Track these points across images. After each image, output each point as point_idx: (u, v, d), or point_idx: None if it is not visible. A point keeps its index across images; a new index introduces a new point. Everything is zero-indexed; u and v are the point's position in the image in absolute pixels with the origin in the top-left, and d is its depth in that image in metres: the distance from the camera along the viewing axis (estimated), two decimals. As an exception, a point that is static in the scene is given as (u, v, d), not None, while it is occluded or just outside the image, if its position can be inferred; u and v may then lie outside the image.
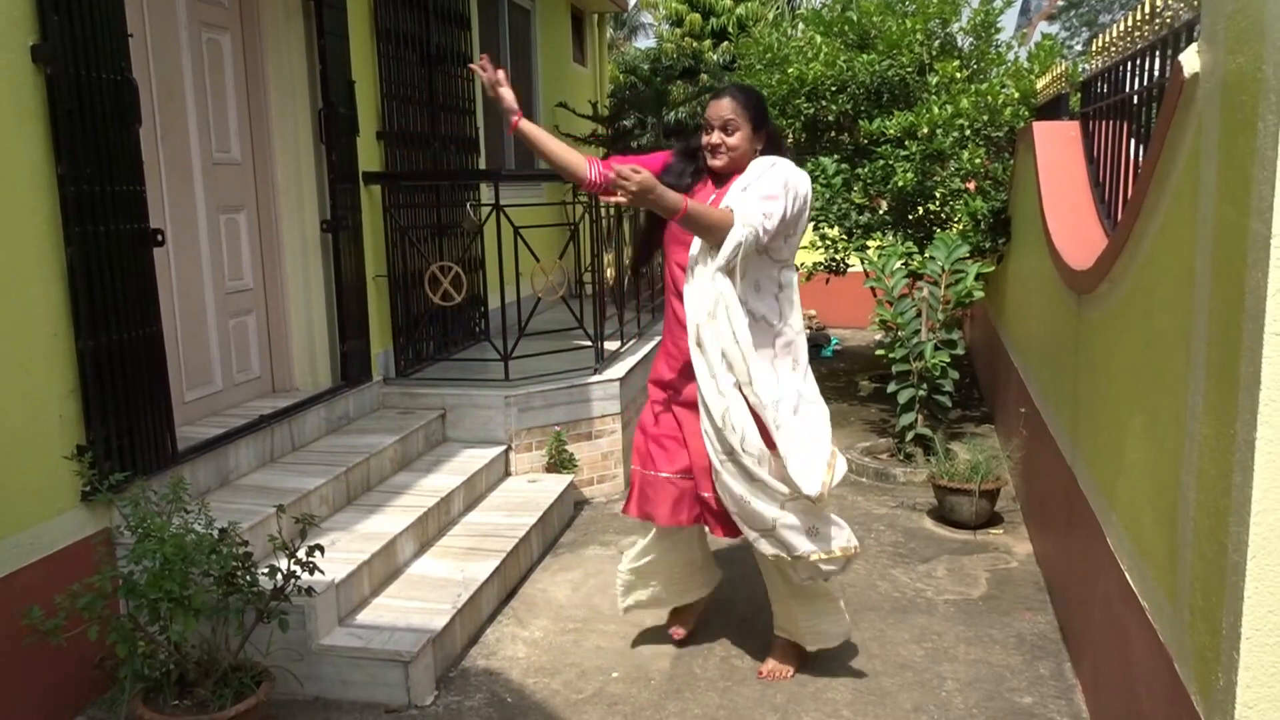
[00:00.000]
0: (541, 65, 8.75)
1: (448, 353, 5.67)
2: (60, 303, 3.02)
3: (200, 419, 4.12)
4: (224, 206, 4.34)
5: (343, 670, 3.12)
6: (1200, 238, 1.91)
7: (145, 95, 3.68)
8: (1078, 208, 4.04)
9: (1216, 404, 1.79)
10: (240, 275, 4.47)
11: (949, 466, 4.66)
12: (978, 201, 6.02)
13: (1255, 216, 1.60)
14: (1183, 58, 2.02)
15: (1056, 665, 3.32)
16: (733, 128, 3.00)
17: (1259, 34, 1.60)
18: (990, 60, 6.51)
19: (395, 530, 3.78)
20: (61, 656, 2.76)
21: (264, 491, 3.70)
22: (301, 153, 4.60)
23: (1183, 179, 2.06)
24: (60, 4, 2.95)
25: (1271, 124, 1.54)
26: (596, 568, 4.25)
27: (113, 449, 3.16)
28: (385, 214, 5.10)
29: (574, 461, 5.09)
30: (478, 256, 5.68)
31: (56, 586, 2.70)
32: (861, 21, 6.46)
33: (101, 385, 3.12)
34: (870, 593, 3.92)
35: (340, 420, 4.69)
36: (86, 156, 3.05)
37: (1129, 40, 3.47)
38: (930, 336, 5.34)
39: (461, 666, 3.40)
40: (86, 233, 3.06)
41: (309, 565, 2.82)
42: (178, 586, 2.62)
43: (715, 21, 21.53)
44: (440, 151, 5.78)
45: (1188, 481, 1.95)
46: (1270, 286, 1.55)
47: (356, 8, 4.89)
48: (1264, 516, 1.61)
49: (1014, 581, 4.01)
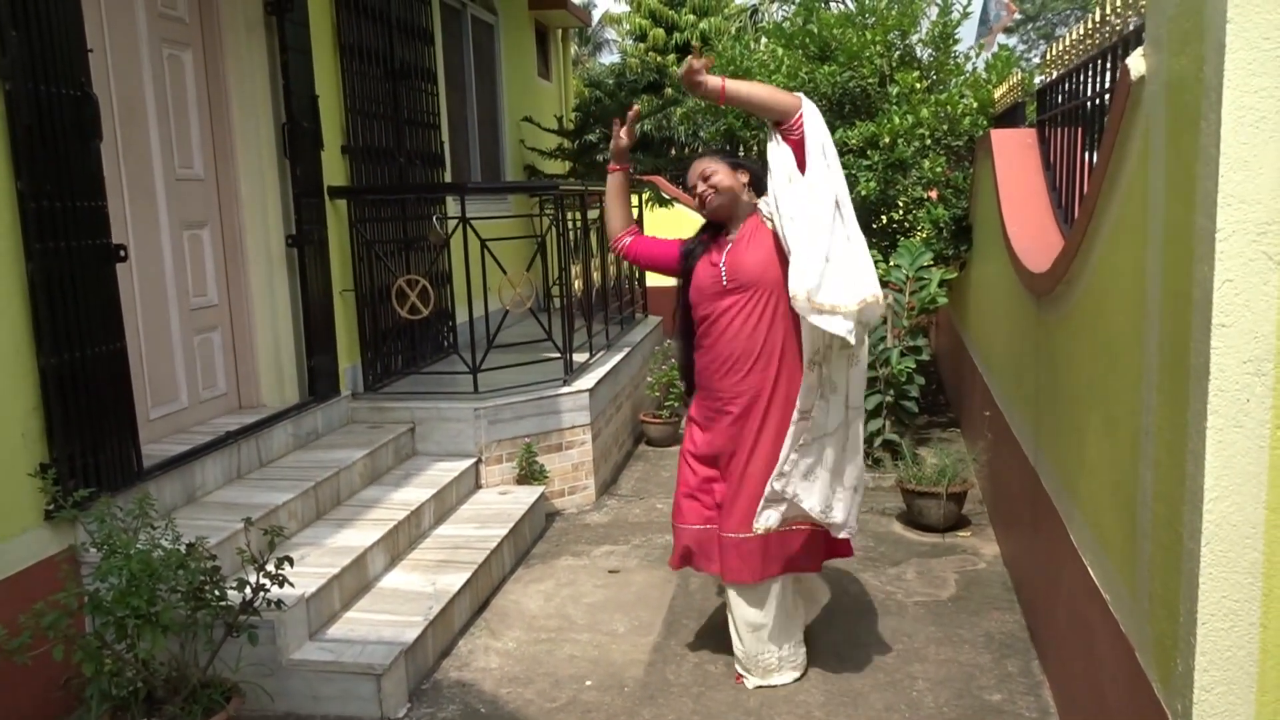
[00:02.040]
0: (506, 80, 8.78)
1: (416, 367, 5.65)
2: (21, 319, 2.99)
3: (166, 436, 4.08)
4: (187, 222, 4.31)
5: (314, 685, 3.10)
6: (1151, 235, 1.96)
7: (106, 111, 3.66)
8: (1035, 212, 4.12)
9: (1169, 396, 1.83)
10: (205, 291, 4.44)
11: (916, 471, 4.71)
12: (940, 209, 6.11)
13: (1201, 211, 1.65)
14: (1129, 60, 2.08)
15: (1024, 662, 3.37)
16: (710, 172, 3.18)
17: (1199, 35, 1.66)
18: (949, 71, 6.61)
19: (366, 544, 3.76)
20: (27, 677, 2.71)
21: (231, 508, 3.67)
22: (265, 167, 4.58)
23: (1133, 178, 2.12)
24: (19, 19, 2.93)
25: (1214, 122, 1.59)
26: (569, 578, 4.25)
27: (77, 466, 3.12)
28: (351, 228, 5.09)
29: (545, 473, 5.09)
30: (445, 270, 5.68)
31: (20, 606, 2.66)
32: (822, 34, 6.54)
33: (65, 402, 3.09)
34: (841, 597, 3.95)
35: (308, 436, 4.66)
36: (47, 172, 3.03)
37: (1081, 48, 3.56)
38: (896, 343, 5.41)
39: (434, 679, 3.39)
40: (47, 249, 3.03)
41: (278, 577, 2.80)
42: (145, 603, 2.59)
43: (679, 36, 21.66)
44: (406, 166, 5.78)
45: (1145, 473, 2.00)
46: (1216, 279, 1.60)
47: (319, 23, 4.89)
48: (1217, 504, 1.66)
49: (982, 582, 4.06)
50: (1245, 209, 1.58)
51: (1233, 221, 1.58)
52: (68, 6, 3.15)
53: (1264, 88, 1.55)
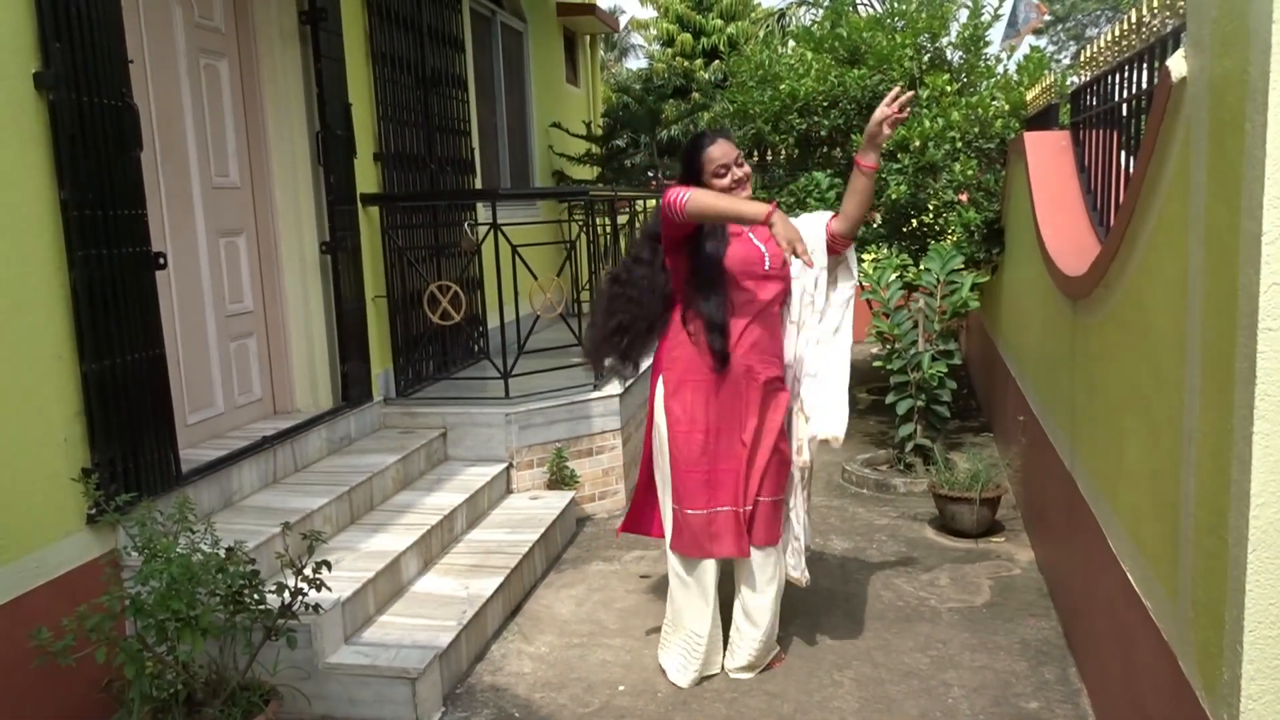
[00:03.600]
0: (535, 86, 8.83)
1: (447, 372, 5.69)
2: (64, 326, 3.04)
3: (202, 441, 4.13)
4: (224, 230, 4.37)
5: (350, 688, 3.13)
6: (1192, 238, 1.94)
7: (145, 121, 3.72)
8: (1070, 215, 4.08)
9: (1213, 401, 1.81)
10: (240, 298, 4.49)
11: (949, 476, 4.68)
12: (971, 213, 6.07)
13: (1246, 215, 1.63)
14: (1170, 62, 2.06)
15: (1061, 670, 3.33)
16: (740, 160, 3.19)
17: (1244, 38, 1.64)
18: (980, 73, 6.57)
19: (399, 548, 3.79)
20: (70, 678, 2.76)
21: (267, 512, 3.71)
22: (299, 175, 4.64)
23: (1174, 181, 2.10)
24: (62, 32, 2.99)
25: (1259, 124, 1.57)
26: (600, 583, 4.26)
27: (118, 471, 3.17)
28: (383, 235, 5.13)
29: (575, 478, 5.11)
30: (476, 276, 5.71)
31: (64, 609, 2.70)
32: (851, 37, 6.52)
33: (106, 408, 3.14)
34: (874, 602, 3.93)
35: (342, 441, 4.70)
36: (89, 181, 3.08)
37: (1116, 50, 3.52)
38: (927, 347, 5.37)
39: (468, 683, 3.40)
40: (89, 256, 3.08)
41: (316, 581, 2.83)
42: (185, 606, 2.62)
43: (706, 41, 21.69)
44: (437, 172, 5.82)
45: (1187, 479, 1.98)
46: (1263, 283, 1.58)
47: (352, 32, 4.94)
48: (1263, 510, 1.64)
49: (1017, 588, 4.02)
50: (1292, 212, 1.56)
51: (1279, 224, 1.56)
52: (109, 19, 3.20)
53: (1311, 89, 1.53)
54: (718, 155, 3.15)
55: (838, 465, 5.79)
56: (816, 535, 4.64)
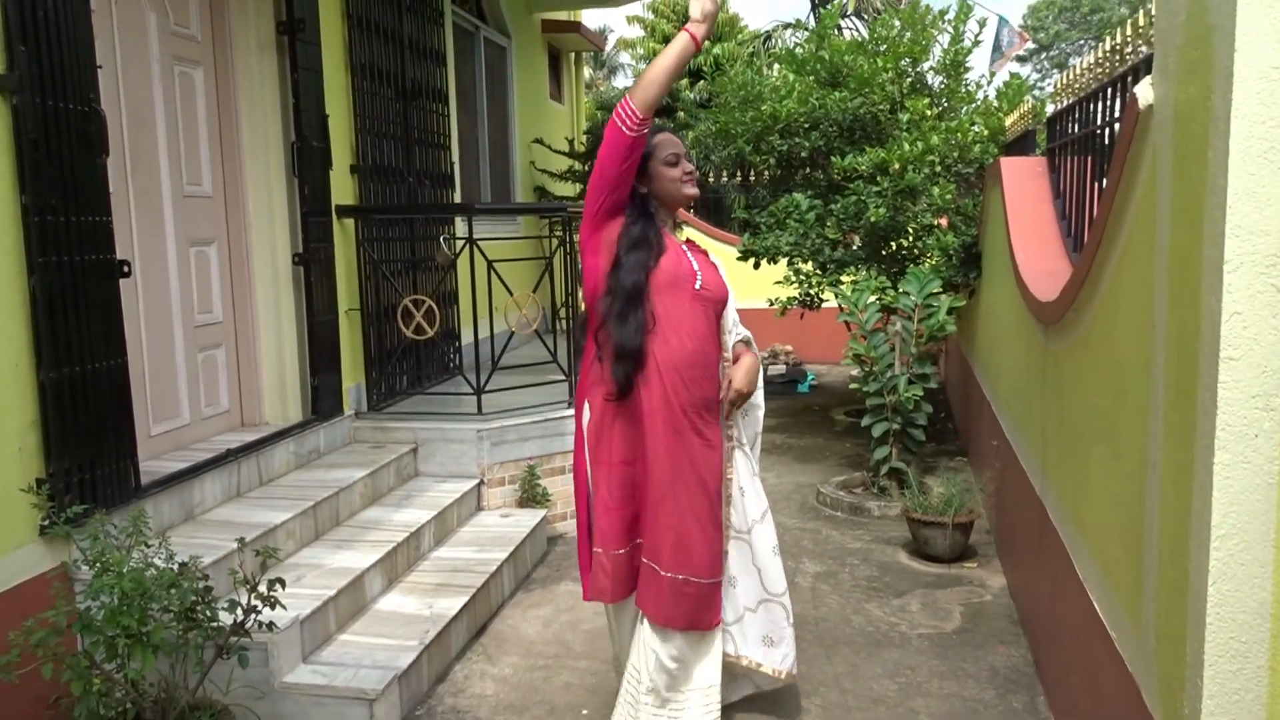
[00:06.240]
0: (518, 101, 8.82)
1: (421, 387, 5.63)
2: (22, 333, 2.98)
3: (166, 453, 4.06)
4: (194, 239, 4.31)
5: (305, 709, 3.06)
6: (1158, 265, 1.92)
7: (115, 127, 3.67)
8: (1044, 240, 4.08)
9: (1176, 429, 1.79)
10: (210, 308, 4.43)
11: (923, 500, 4.66)
12: (949, 236, 6.08)
13: (1209, 242, 1.62)
14: (1137, 89, 2.05)
15: (1030, 698, 3.30)
16: (690, 155, 2.89)
17: (1207, 65, 1.63)
18: (960, 98, 6.60)
19: (363, 566, 3.73)
20: (15, 695, 2.68)
21: (229, 526, 3.64)
22: (273, 186, 4.59)
23: (1141, 207, 2.09)
24: (28, 35, 2.94)
25: (1221, 151, 1.56)
26: (568, 603, 4.20)
27: (73, 482, 3.10)
28: (358, 247, 5.09)
29: (547, 496, 5.05)
30: (451, 290, 5.67)
31: (12, 623, 2.64)
32: (834, 60, 6.54)
33: (63, 418, 3.08)
34: (844, 627, 3.89)
35: (310, 455, 4.64)
36: (51, 186, 3.03)
37: (1091, 76, 3.53)
38: (904, 370, 5.36)
39: (428, 704, 3.34)
40: (50, 263, 3.03)
41: (269, 599, 2.77)
42: (136, 622, 2.56)
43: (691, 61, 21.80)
44: (415, 186, 5.79)
45: (1151, 508, 1.96)
46: (1224, 311, 1.56)
47: (331, 43, 4.91)
48: (1224, 541, 1.61)
49: (987, 615, 3.99)
50: (1253, 240, 1.55)
51: (1241, 253, 1.55)
52: (78, 23, 3.16)
53: (1272, 118, 1.52)
54: (668, 144, 2.84)
55: (812, 487, 5.76)
56: (789, 558, 4.60)
